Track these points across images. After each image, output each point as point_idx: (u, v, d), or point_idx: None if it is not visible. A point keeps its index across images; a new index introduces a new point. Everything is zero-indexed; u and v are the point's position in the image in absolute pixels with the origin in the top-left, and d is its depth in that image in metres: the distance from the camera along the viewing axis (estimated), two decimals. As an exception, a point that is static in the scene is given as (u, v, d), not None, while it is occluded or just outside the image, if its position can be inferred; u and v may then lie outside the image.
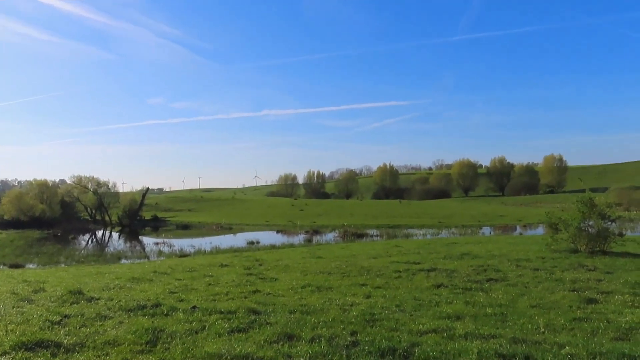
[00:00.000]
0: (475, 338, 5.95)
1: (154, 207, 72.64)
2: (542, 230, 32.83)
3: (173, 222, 58.28)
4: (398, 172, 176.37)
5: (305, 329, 6.51)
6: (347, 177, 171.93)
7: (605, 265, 13.25)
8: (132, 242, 40.02)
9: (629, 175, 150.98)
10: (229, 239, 37.48)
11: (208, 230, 48.65)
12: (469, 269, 12.97)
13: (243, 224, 52.67)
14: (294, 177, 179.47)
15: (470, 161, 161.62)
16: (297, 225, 47.65)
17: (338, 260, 16.35)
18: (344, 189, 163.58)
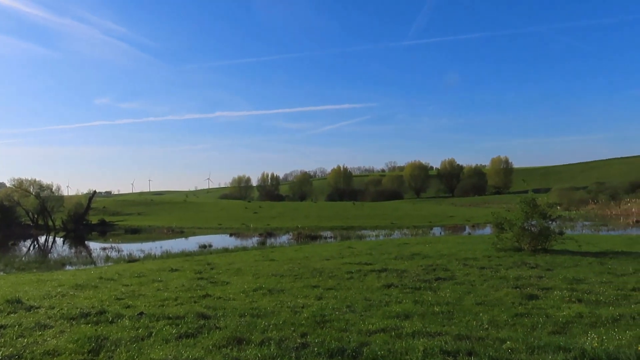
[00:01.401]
0: (422, 336, 6.09)
1: (102, 211, 70.18)
2: (490, 230, 33.97)
3: (122, 226, 56.48)
4: (352, 174, 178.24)
5: (255, 333, 6.45)
6: (302, 179, 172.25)
7: (546, 263, 13.87)
8: (78, 247, 38.47)
9: (569, 177, 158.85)
10: (180, 243, 36.67)
11: (159, 234, 47.42)
12: (419, 269, 13.26)
13: (195, 228, 51.67)
14: (248, 180, 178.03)
15: (422, 163, 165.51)
16: (251, 228, 47.22)
17: (291, 262, 16.33)
18: (298, 191, 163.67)
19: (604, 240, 23.29)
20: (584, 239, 22.25)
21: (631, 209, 53.67)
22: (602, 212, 55.74)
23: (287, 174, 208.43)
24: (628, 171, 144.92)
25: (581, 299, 8.77)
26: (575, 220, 46.71)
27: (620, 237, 27.03)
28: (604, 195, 71.49)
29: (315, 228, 44.66)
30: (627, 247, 18.59)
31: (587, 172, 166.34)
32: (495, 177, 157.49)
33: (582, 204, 66.02)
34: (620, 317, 7.27)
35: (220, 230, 48.81)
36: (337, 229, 44.48)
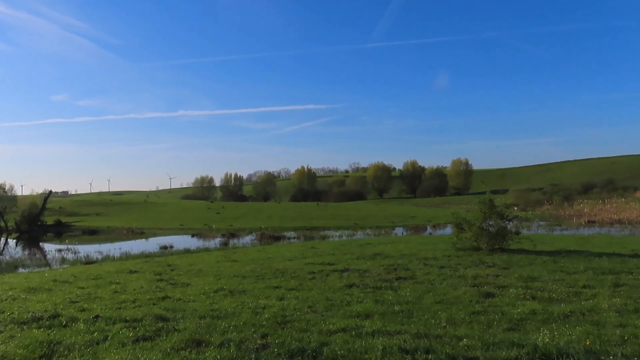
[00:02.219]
0: (382, 335, 6.16)
1: (58, 212, 67.80)
2: (450, 230, 34.65)
3: (79, 227, 54.71)
4: (316, 174, 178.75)
5: (215, 334, 6.38)
6: (265, 179, 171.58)
7: (503, 262, 14.25)
8: (32, 249, 37.02)
9: (526, 178, 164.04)
10: (140, 244, 35.84)
11: (118, 235, 46.17)
12: (381, 269, 13.40)
13: (156, 228, 50.62)
14: (211, 180, 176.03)
15: (385, 164, 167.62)
16: (214, 229, 46.62)
17: (254, 263, 16.22)
18: (262, 192, 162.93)
19: (557, 239, 24.13)
20: (539, 238, 23.00)
21: (583, 210, 55.83)
22: (556, 213, 57.76)
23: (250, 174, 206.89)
24: (580, 173, 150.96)
25: (535, 296, 9.05)
26: (531, 220, 48.21)
27: (573, 236, 28.11)
28: (558, 196, 74.14)
29: (279, 229, 44.53)
30: (579, 246, 19.31)
31: (542, 174, 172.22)
32: (455, 179, 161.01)
33: (537, 205, 68.21)
34: (571, 314, 7.55)
35: (182, 231, 48.01)
36: (301, 230, 44.47)
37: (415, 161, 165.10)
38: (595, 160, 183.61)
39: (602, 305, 8.05)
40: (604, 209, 52.48)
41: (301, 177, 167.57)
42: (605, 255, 15.09)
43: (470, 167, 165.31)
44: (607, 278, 10.91)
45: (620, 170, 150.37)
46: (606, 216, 48.35)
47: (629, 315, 7.38)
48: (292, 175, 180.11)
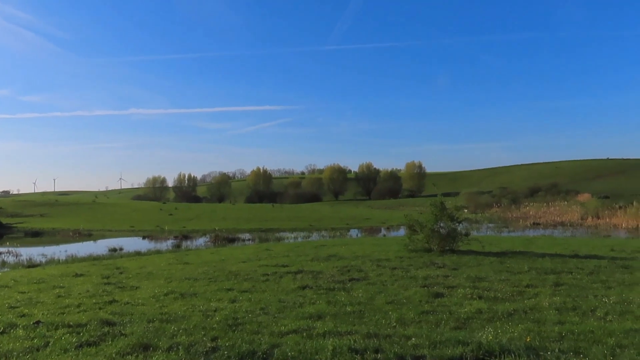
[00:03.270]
0: (333, 336, 6.20)
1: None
2: (403, 231, 35.28)
3: (21, 228, 52.19)
4: (272, 176, 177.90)
5: (163, 338, 6.24)
6: (220, 180, 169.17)
7: (453, 263, 14.64)
8: (-31, 252, 35.04)
9: (476, 182, 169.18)
10: (88, 247, 34.57)
11: (63, 237, 44.32)
12: (334, 270, 13.48)
13: (105, 230, 48.99)
14: (163, 180, 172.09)
15: (341, 166, 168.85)
16: (166, 231, 45.56)
17: (206, 265, 15.98)
18: (216, 193, 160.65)
19: (504, 241, 25.01)
20: (488, 240, 23.78)
21: (529, 212, 58.13)
22: (504, 215, 59.86)
23: (205, 175, 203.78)
24: (527, 177, 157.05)
25: (482, 296, 9.35)
26: (481, 222, 49.79)
27: (519, 238, 29.21)
28: (506, 199, 76.95)
29: (233, 230, 44.03)
30: (524, 247, 20.09)
31: (492, 178, 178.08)
32: (409, 181, 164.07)
33: (487, 207, 70.50)
34: (514, 312, 7.86)
35: (132, 232, 46.66)
36: (256, 231, 44.15)
37: (370, 163, 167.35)
38: (541, 165, 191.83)
39: (543, 304, 8.42)
40: (548, 212, 54.82)
41: (257, 178, 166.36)
42: (547, 256, 15.76)
43: (424, 170, 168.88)
44: (548, 277, 11.40)
45: (563, 174, 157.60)
46: (550, 218, 50.56)
47: (567, 313, 7.75)
48: (248, 177, 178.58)
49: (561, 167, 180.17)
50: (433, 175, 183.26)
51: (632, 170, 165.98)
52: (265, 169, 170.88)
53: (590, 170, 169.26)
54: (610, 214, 45.96)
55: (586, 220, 46.49)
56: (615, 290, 9.71)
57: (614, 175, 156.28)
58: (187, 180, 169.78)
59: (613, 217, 44.64)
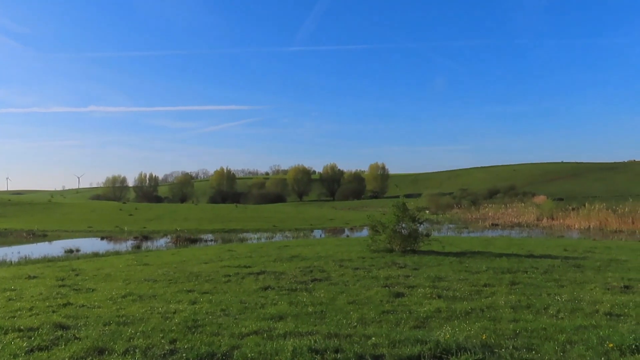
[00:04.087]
0: (293, 336, 6.20)
1: (-55, 212, 61.50)
2: (367, 232, 35.61)
3: (-29, 229, 49.96)
4: (235, 176, 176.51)
5: (120, 341, 6.08)
6: (183, 180, 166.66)
7: (414, 263, 14.87)
8: None
9: (437, 183, 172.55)
10: (43, 248, 33.32)
11: (17, 238, 42.57)
12: (297, 271, 13.47)
13: (61, 231, 47.33)
14: (124, 180, 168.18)
15: (305, 167, 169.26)
16: (125, 231, 44.42)
17: (167, 266, 15.68)
18: (178, 193, 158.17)
19: (464, 241, 25.58)
20: (448, 240, 24.26)
21: (488, 213, 59.65)
22: (465, 216, 61.25)
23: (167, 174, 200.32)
24: (486, 179, 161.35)
25: (441, 295, 9.53)
26: (442, 223, 50.79)
27: (478, 238, 29.94)
28: (466, 201, 78.77)
29: (196, 231, 43.37)
30: (483, 247, 20.60)
31: (453, 180, 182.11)
32: (373, 182, 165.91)
33: (448, 209, 71.97)
34: (471, 311, 8.04)
35: (90, 233, 45.29)
36: (219, 232, 43.64)
37: (334, 165, 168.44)
38: (500, 168, 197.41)
39: (499, 302, 8.65)
40: (506, 213, 56.39)
41: (220, 178, 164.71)
42: (505, 256, 16.20)
43: (387, 172, 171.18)
44: (505, 277, 11.72)
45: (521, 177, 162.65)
46: (508, 219, 52.05)
47: (522, 311, 7.99)
48: (211, 177, 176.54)
49: (519, 170, 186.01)
50: (396, 176, 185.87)
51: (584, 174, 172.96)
52: (229, 169, 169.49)
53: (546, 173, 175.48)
54: (564, 216, 47.69)
55: (541, 222, 48.10)
56: (567, 289, 10.08)
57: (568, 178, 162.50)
58: (148, 180, 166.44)
59: (566, 219, 46.34)
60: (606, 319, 7.38)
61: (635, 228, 37.61)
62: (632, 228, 37.77)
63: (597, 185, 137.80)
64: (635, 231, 36.13)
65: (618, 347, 5.75)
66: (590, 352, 5.69)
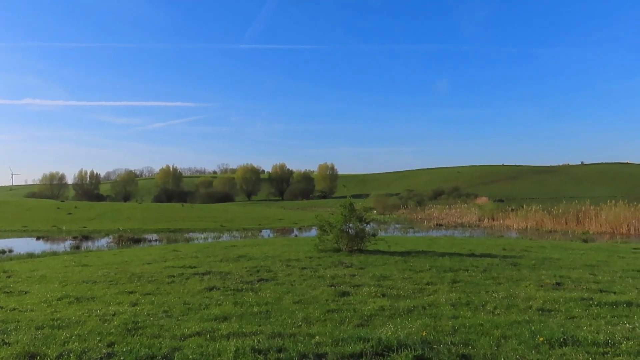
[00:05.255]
0: (237, 337, 6.13)
1: None
2: (315, 232, 35.76)
3: None
4: (182, 174, 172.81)
5: (53, 346, 5.81)
6: (126, 178, 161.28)
7: (360, 262, 15.06)
8: None
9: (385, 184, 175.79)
10: (-29, 249, 31.32)
11: (-58, 238, 39.87)
12: (243, 271, 13.34)
13: (-8, 230, 44.74)
14: (62, 177, 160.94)
15: (254, 166, 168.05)
16: (64, 231, 42.48)
17: (107, 267, 15.13)
18: (121, 191, 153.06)
19: (409, 241, 26.17)
20: (394, 240, 24.74)
21: (433, 214, 61.38)
22: (411, 216, 62.75)
23: (109, 172, 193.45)
24: (432, 180, 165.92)
25: (385, 293, 9.71)
26: (388, 223, 51.78)
27: (423, 238, 30.72)
28: (412, 201, 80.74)
29: (139, 231, 42.10)
30: (427, 246, 21.15)
31: (400, 181, 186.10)
32: (322, 182, 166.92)
33: (394, 209, 73.48)
34: (414, 308, 8.25)
35: (25, 233, 42.99)
36: (164, 232, 42.56)
37: (284, 164, 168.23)
38: (444, 170, 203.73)
39: (440, 300, 8.92)
40: (449, 213, 58.21)
41: (166, 176, 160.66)
42: (447, 255, 16.71)
43: (336, 172, 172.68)
44: (447, 275, 12.09)
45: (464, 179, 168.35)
46: (451, 220, 53.77)
47: (461, 308, 8.28)
48: (156, 175, 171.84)
49: (462, 172, 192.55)
50: (345, 177, 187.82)
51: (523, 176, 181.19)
52: (175, 168, 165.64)
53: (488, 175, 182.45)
54: (504, 216, 49.79)
55: (483, 222, 50.02)
56: (504, 286, 10.53)
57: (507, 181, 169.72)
58: (89, 177, 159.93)
59: (506, 219, 48.40)
60: (538, 315, 7.76)
61: (568, 228, 39.79)
62: (565, 228, 39.94)
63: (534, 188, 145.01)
64: (568, 231, 38.21)
65: (548, 341, 6.06)
66: (522, 346, 5.97)
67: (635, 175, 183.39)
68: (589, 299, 8.85)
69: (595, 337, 6.18)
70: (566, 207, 43.65)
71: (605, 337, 6.18)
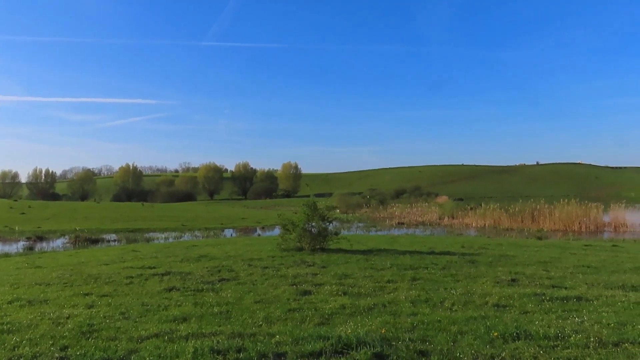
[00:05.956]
0: (196, 338, 6.06)
1: None
2: (278, 231, 35.64)
3: None
4: (142, 173, 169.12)
5: (2, 351, 5.60)
6: (83, 176, 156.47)
7: (322, 261, 15.12)
8: None
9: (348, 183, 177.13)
10: None
11: None
12: (204, 271, 13.17)
13: (-62, 231, 42.54)
14: (15, 175, 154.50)
15: (217, 165, 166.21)
16: (17, 231, 40.83)
17: (62, 269, 14.64)
18: (78, 190, 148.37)
19: (372, 239, 26.46)
20: (356, 238, 24.96)
21: (395, 212, 62.24)
22: (373, 215, 63.42)
23: (66, 170, 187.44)
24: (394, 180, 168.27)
25: (346, 292, 9.79)
26: (351, 222, 52.18)
27: (385, 236, 31.11)
28: (375, 200, 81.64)
29: (97, 231, 40.92)
30: (389, 245, 21.42)
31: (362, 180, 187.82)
32: (285, 182, 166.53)
33: (357, 208, 74.08)
34: (374, 306, 8.35)
35: (-27, 234, 41.10)
36: (123, 232, 41.50)
37: (247, 163, 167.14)
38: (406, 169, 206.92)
39: (400, 297, 9.06)
40: (411, 212, 59.19)
41: (125, 175, 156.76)
42: (408, 253, 16.99)
43: (299, 171, 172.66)
44: (407, 273, 12.29)
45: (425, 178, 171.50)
46: (413, 218, 54.67)
47: (420, 305, 8.44)
48: (116, 173, 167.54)
49: (424, 171, 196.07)
50: (308, 176, 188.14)
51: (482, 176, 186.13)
52: (135, 166, 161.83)
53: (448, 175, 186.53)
54: (463, 215, 51.03)
55: (443, 220, 51.09)
56: (462, 283, 10.79)
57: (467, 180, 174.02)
58: (44, 175, 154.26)
59: (465, 218, 49.62)
60: (494, 310, 8.00)
61: (523, 226, 41.14)
62: (521, 226, 41.28)
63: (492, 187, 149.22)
64: (523, 229, 39.49)
65: (502, 336, 6.26)
66: (477, 341, 6.15)
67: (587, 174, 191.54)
68: (542, 294, 9.19)
69: (546, 331, 6.43)
70: (522, 205, 45.11)
71: (556, 331, 6.43)
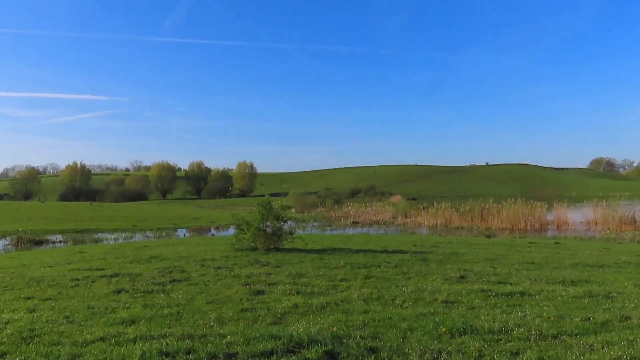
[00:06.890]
0: (144, 340, 5.92)
1: None
2: (233, 231, 35.26)
3: None
4: (91, 172, 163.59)
5: None
6: (27, 175, 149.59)
7: (277, 260, 15.09)
8: None
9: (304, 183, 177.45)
10: None
11: None
12: (155, 272, 12.87)
13: None
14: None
15: (170, 164, 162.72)
16: (-48, 233, 38.61)
17: (2, 272, 13.94)
18: (21, 189, 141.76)
19: (326, 238, 26.58)
20: (311, 238, 25.02)
21: (350, 212, 62.79)
22: (328, 214, 63.73)
23: (8, 169, 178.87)
24: (349, 179, 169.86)
25: (300, 291, 9.81)
26: (307, 221, 52.24)
27: (339, 235, 31.32)
28: (330, 200, 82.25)
29: (42, 232, 39.16)
30: (343, 244, 21.61)
31: (318, 179, 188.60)
32: (240, 181, 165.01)
33: (313, 207, 74.33)
34: (327, 305, 8.41)
35: None
36: (70, 233, 39.90)
37: (201, 162, 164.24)
38: (361, 169, 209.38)
39: (353, 296, 9.17)
40: (366, 211, 59.87)
41: (73, 174, 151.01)
42: (362, 252, 17.19)
43: (255, 171, 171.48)
44: (360, 271, 12.44)
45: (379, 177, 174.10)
46: (367, 217, 55.33)
47: (372, 303, 8.57)
48: (62, 172, 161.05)
49: (378, 171, 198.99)
50: (264, 175, 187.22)
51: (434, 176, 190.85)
52: (83, 164, 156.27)
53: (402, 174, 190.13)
54: (416, 214, 52.07)
55: (397, 219, 51.97)
56: (413, 281, 11.02)
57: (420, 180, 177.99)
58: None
59: (418, 217, 50.65)
60: (442, 306, 8.22)
61: (473, 225, 42.42)
62: (471, 225, 42.55)
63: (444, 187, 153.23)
64: (473, 227, 40.74)
65: (449, 331, 6.45)
66: (426, 336, 6.31)
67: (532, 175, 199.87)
68: (488, 290, 9.52)
69: (491, 326, 6.67)
70: (472, 205, 46.47)
71: (500, 325, 6.68)
